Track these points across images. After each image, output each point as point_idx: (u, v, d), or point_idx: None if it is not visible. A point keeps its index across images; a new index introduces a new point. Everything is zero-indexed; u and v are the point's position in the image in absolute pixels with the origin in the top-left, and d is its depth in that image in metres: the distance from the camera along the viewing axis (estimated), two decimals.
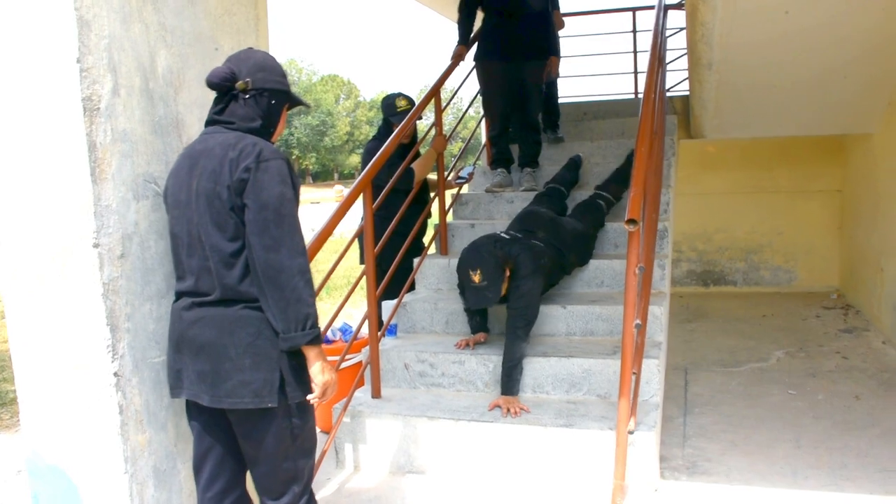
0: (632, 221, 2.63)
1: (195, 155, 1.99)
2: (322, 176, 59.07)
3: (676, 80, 6.71)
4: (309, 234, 2.91)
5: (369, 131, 54.73)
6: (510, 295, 3.30)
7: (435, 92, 4.31)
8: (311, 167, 58.63)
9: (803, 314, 6.23)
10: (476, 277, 3.19)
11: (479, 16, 4.78)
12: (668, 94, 5.75)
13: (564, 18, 5.95)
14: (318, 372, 1.95)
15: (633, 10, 6.83)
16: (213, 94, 2.42)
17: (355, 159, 53.47)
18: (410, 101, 4.34)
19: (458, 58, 4.63)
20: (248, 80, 2.01)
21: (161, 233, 2.23)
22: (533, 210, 4.00)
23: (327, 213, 3.38)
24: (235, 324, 1.94)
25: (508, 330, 3.24)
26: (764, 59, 4.67)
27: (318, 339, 1.93)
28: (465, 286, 3.31)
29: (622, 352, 2.76)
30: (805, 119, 5.59)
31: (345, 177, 57.05)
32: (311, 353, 1.95)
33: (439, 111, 4.39)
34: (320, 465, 3.16)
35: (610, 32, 7.31)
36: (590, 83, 36.98)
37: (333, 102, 58.72)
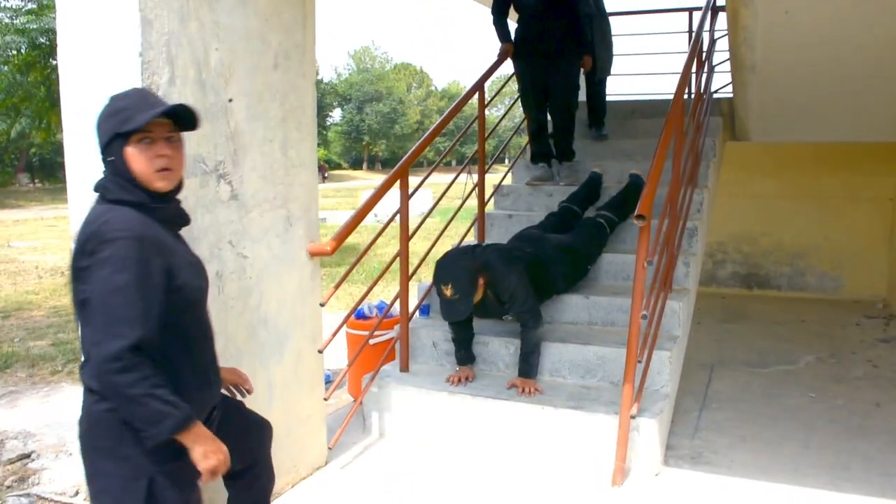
0: (640, 217, 2.79)
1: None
2: (391, 163, 59.84)
3: (725, 81, 6.69)
4: (372, 219, 3.19)
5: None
6: (502, 300, 3.45)
7: (478, 87, 4.53)
8: (380, 153, 59.47)
9: (843, 321, 6.21)
10: (448, 291, 3.26)
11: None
12: (716, 95, 5.78)
13: (619, 18, 6.06)
14: (201, 458, 1.73)
15: (690, 10, 6.84)
16: (260, 88, 2.71)
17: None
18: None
19: (504, 54, 4.81)
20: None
21: (206, 207, 2.50)
22: (526, 231, 4.13)
23: (392, 201, 3.68)
24: (94, 426, 1.77)
25: (521, 326, 3.44)
26: (808, 62, 4.68)
27: (182, 425, 1.68)
28: (440, 299, 3.38)
29: (628, 340, 2.94)
30: (853, 125, 5.56)
31: (415, 165, 57.39)
32: (185, 441, 1.71)
33: (482, 108, 4.60)
34: (345, 428, 3.44)
35: (666, 32, 7.33)
36: (645, 82, 36.47)
37: (405, 91, 59.25)
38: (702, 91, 4.83)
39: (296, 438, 3.05)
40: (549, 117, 4.97)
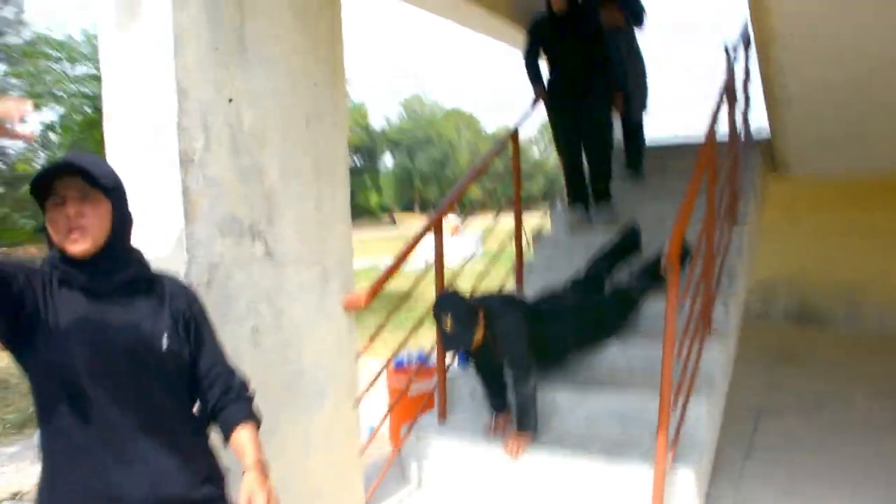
0: (665, 262, 2.79)
1: None
2: None
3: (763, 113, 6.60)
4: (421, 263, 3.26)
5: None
6: (498, 346, 3.41)
7: (513, 135, 4.62)
8: (432, 198, 60.10)
9: None
10: (447, 322, 3.24)
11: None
12: (755, 127, 5.71)
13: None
14: None
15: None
16: (292, 147, 2.82)
17: (475, 191, 54.48)
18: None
19: (538, 99, 4.88)
20: None
21: (241, 265, 2.60)
22: (550, 287, 4.09)
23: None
24: None
25: (513, 377, 3.38)
26: (845, 91, 4.62)
27: None
28: (441, 335, 3.35)
29: (661, 387, 2.91)
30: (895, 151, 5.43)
31: (465, 206, 57.76)
32: None
33: (517, 155, 4.67)
34: (382, 479, 3.46)
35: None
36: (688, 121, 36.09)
37: (455, 135, 59.96)
38: (737, 125, 4.81)
39: (333, 491, 3.08)
40: (584, 160, 4.99)
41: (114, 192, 1.65)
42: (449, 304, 3.28)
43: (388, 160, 57.32)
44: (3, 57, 13.02)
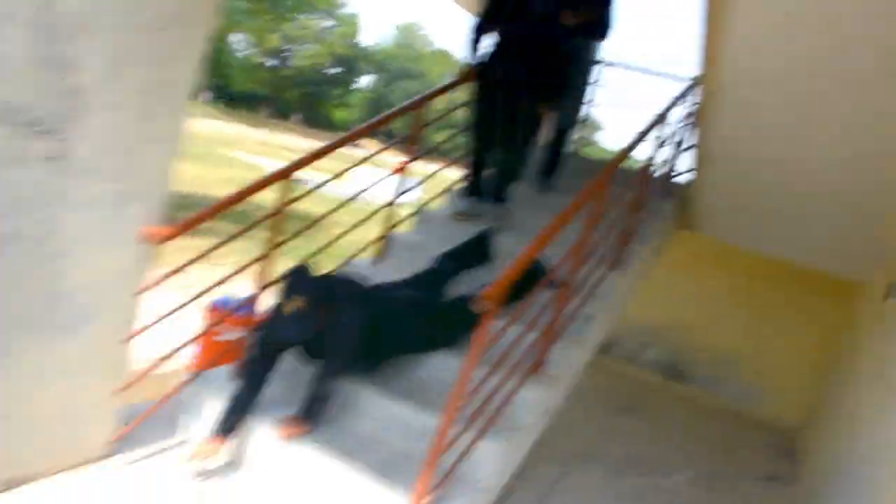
0: (481, 302, 2.55)
1: None
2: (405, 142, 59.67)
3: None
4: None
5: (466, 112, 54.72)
6: (327, 332, 3.06)
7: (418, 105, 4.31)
8: (397, 131, 59.16)
9: (743, 442, 6.01)
10: (297, 303, 2.86)
11: None
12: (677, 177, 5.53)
13: None
14: None
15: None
16: (122, 44, 2.44)
17: (440, 136, 53.79)
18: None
19: (465, 77, 4.54)
20: None
21: (10, 160, 2.24)
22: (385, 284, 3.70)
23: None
24: None
25: (323, 367, 3.10)
26: (770, 171, 4.46)
27: None
28: (273, 314, 2.98)
29: (442, 423, 2.71)
30: (804, 247, 5.36)
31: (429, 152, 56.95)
32: None
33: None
34: (138, 424, 3.19)
35: None
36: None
37: (437, 78, 58.76)
38: (656, 166, 4.62)
39: (74, 424, 2.81)
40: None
41: None
42: (306, 284, 2.92)
43: (366, 81, 55.94)
44: None
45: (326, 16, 47.16)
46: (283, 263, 3.32)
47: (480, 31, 4.51)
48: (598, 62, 6.80)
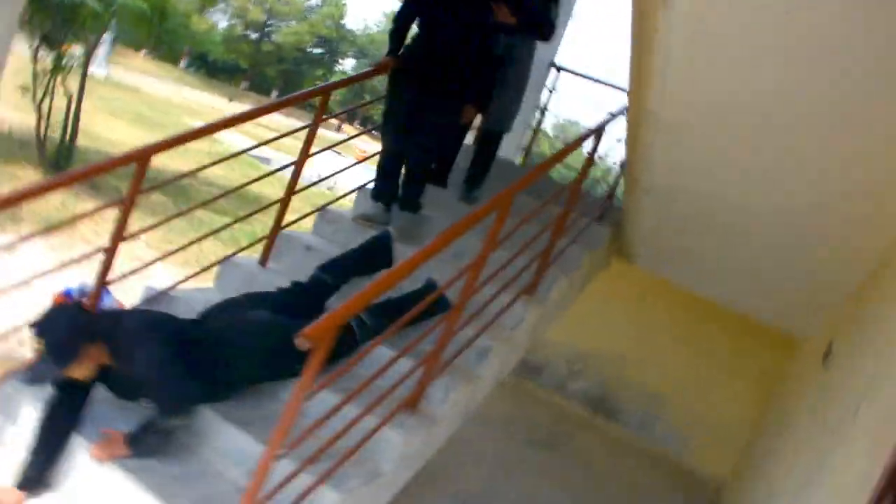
0: (301, 340, 2.08)
1: None
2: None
3: None
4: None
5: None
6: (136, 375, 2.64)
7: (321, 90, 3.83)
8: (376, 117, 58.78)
9: (660, 494, 5.61)
10: (37, 345, 2.46)
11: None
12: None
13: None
14: None
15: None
16: None
17: None
18: None
19: (384, 68, 4.08)
20: None
21: None
22: (240, 297, 3.21)
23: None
24: None
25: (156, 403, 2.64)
26: (709, 209, 4.05)
27: None
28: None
29: (262, 459, 2.26)
30: (744, 294, 4.98)
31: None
32: None
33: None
34: None
35: None
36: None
37: None
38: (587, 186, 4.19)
39: None
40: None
41: None
42: (46, 325, 2.48)
43: (350, 64, 55.28)
44: None
45: None
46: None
47: (402, 18, 4.07)
48: (554, 66, 6.40)
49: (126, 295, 3.91)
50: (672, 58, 2.68)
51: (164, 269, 5.86)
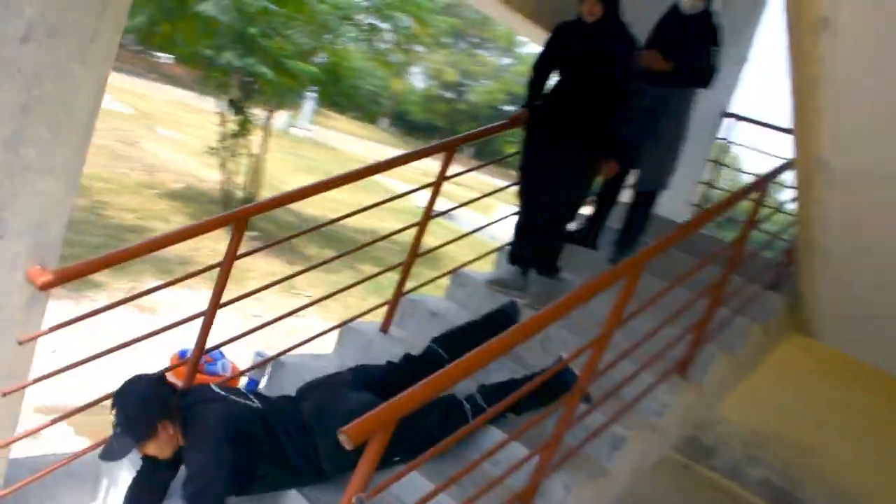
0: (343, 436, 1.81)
1: None
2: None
3: None
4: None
5: None
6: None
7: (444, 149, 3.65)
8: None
9: None
10: (112, 416, 2.35)
11: None
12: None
13: None
14: None
15: None
16: None
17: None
18: None
19: (514, 121, 3.86)
20: None
21: None
22: (332, 377, 2.93)
23: None
24: None
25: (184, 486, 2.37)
26: None
27: None
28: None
29: None
30: None
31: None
32: None
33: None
34: (38, 479, 2.74)
35: None
36: None
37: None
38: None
39: None
40: None
41: None
42: (124, 394, 2.40)
43: None
44: None
45: (505, 53, 47.53)
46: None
47: (539, 67, 3.83)
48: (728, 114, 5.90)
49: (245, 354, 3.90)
50: (841, 91, 2.21)
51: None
